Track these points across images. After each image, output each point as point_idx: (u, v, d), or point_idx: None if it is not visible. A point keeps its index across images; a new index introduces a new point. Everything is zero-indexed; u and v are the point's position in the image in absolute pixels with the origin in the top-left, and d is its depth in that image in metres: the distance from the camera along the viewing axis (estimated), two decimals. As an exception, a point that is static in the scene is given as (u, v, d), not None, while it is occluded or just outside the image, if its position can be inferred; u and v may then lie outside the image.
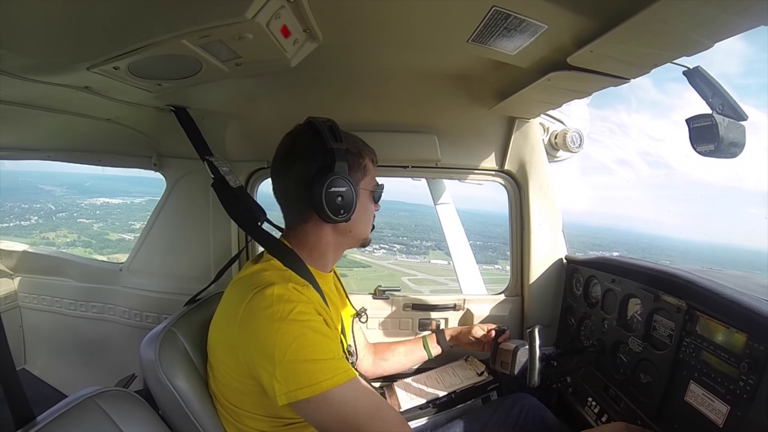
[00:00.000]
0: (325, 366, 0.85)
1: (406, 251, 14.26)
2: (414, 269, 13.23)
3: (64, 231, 13.79)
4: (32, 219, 13.53)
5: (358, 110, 1.63)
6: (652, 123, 52.06)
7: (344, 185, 0.98)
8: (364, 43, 1.15)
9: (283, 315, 0.85)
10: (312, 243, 1.08)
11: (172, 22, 0.79)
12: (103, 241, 13.29)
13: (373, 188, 1.12)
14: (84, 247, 13.29)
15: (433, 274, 12.66)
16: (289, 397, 0.83)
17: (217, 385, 1.01)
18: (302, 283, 0.97)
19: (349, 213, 1.00)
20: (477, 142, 1.72)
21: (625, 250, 16.60)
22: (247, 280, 0.96)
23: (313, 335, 0.87)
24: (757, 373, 0.88)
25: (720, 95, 0.93)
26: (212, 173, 1.39)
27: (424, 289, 12.59)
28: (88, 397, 0.87)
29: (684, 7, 0.71)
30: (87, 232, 13.76)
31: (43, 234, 13.58)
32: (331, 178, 0.96)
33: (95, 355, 2.13)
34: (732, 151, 0.97)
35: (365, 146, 1.11)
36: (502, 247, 1.97)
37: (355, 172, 1.05)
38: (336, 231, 1.08)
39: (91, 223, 13.90)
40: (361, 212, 1.08)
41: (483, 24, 0.91)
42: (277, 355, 0.83)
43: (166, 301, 1.87)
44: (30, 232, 13.36)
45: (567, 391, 1.48)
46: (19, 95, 1.10)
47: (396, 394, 1.51)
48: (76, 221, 14.18)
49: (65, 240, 13.53)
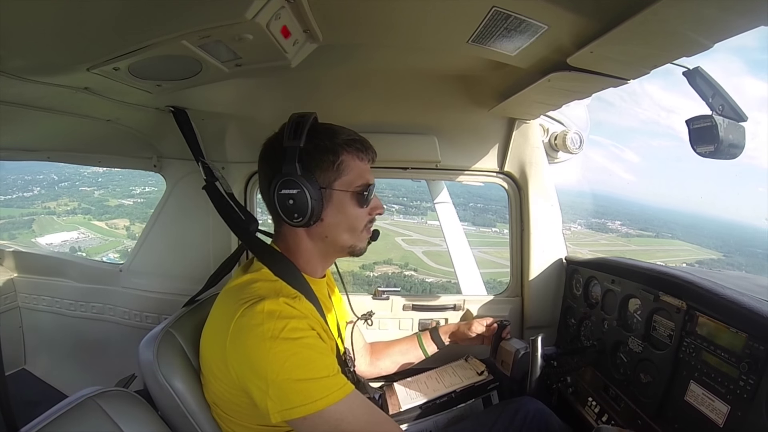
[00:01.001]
0: (320, 384, 0.84)
1: (405, 212, 14.06)
2: (410, 230, 13.03)
3: (66, 200, 13.70)
4: (35, 190, 13.43)
5: (358, 111, 1.63)
6: (662, 94, 51.08)
7: (294, 187, 0.91)
8: (364, 43, 1.15)
9: (275, 333, 0.83)
10: (294, 248, 1.04)
11: (172, 22, 0.79)
12: (103, 207, 13.26)
13: (355, 189, 1.01)
14: (83, 214, 13.30)
15: (427, 235, 12.39)
16: (283, 416, 0.82)
17: (210, 395, 1.00)
18: (293, 294, 0.94)
19: (307, 217, 0.93)
20: (477, 143, 1.72)
21: (629, 219, 16.60)
22: (238, 291, 0.93)
23: (307, 353, 0.85)
24: (757, 373, 0.88)
25: (720, 96, 0.93)
26: (205, 175, 1.38)
27: (416, 249, 12.54)
28: (88, 397, 0.87)
29: (684, 8, 0.70)
30: (87, 200, 13.68)
31: (45, 204, 13.56)
32: (279, 179, 0.91)
33: (95, 356, 2.13)
34: (732, 153, 0.97)
35: (348, 141, 1.00)
36: (503, 210, 1.98)
37: (324, 171, 0.97)
38: (309, 236, 1.03)
39: (92, 191, 13.81)
40: (338, 218, 1.00)
41: (483, 24, 0.91)
42: (270, 375, 0.82)
43: (165, 302, 1.87)
44: (32, 203, 13.39)
45: (567, 391, 1.48)
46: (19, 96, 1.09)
47: (396, 394, 1.51)
48: (78, 189, 14.08)
49: (66, 208, 13.48)
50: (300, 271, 1.02)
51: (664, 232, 18.20)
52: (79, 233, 12.36)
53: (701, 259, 15.99)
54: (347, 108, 1.61)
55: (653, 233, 17.82)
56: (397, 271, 11.49)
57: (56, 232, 12.33)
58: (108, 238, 12.40)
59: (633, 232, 16.75)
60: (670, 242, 17.79)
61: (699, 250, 17.02)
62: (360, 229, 1.05)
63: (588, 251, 12.55)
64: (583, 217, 14.53)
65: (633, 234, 16.69)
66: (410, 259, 12.34)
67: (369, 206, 1.06)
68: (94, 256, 11.67)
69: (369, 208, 1.06)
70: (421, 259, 12.42)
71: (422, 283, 11.39)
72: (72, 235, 12.10)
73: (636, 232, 16.95)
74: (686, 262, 15.35)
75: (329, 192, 0.98)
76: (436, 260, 12.20)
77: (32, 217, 13.00)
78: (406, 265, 11.85)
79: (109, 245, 12.08)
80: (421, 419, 1.43)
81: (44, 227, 12.58)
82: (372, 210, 1.07)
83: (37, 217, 13.07)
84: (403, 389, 1.54)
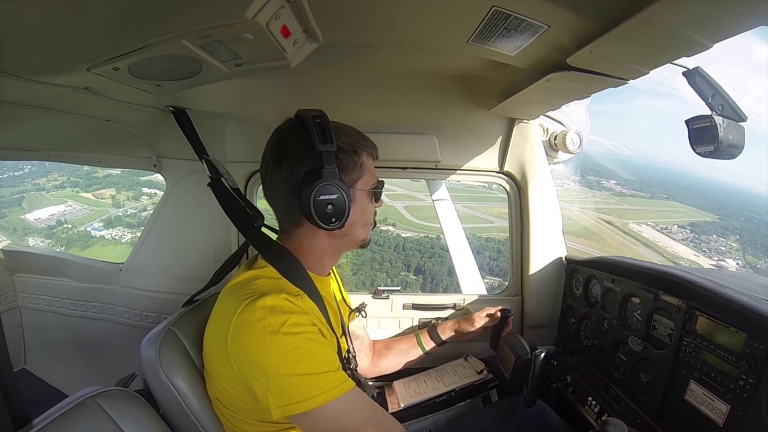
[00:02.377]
0: (320, 379, 0.84)
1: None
2: (395, 185, 12.74)
3: (55, 175, 13.54)
4: (25, 168, 13.12)
5: (358, 110, 1.63)
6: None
7: (334, 192, 0.91)
8: (364, 43, 1.15)
9: (276, 328, 0.83)
10: (307, 248, 1.04)
11: (171, 22, 0.79)
12: (91, 179, 13.16)
13: (372, 187, 1.05)
14: (72, 188, 13.28)
15: (413, 190, 12.26)
16: (284, 411, 0.82)
17: (213, 391, 1.00)
18: (296, 292, 0.94)
19: (342, 220, 0.94)
20: (477, 143, 1.72)
21: (624, 179, 16.48)
22: (239, 288, 0.93)
23: (308, 348, 0.85)
24: (757, 373, 0.89)
25: (720, 96, 0.93)
26: (210, 172, 1.38)
27: (398, 204, 12.45)
28: (89, 396, 0.88)
29: (684, 8, 0.70)
30: (77, 173, 13.46)
31: (35, 180, 13.47)
32: (319, 185, 0.90)
33: (95, 355, 2.14)
34: (731, 152, 0.97)
35: (362, 141, 1.03)
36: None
37: (350, 173, 0.98)
38: (331, 236, 1.03)
39: (82, 165, 13.83)
40: (358, 215, 1.02)
41: (483, 24, 0.91)
42: (271, 369, 0.82)
43: (166, 301, 1.87)
44: (22, 181, 13.28)
45: (567, 390, 1.48)
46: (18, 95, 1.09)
47: (396, 393, 1.51)
48: (67, 165, 14.12)
49: (55, 183, 13.44)
50: (305, 270, 1.02)
51: (660, 193, 17.90)
52: (66, 206, 12.35)
53: (695, 221, 15.62)
54: (347, 108, 1.61)
55: (648, 194, 17.48)
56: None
57: (44, 207, 12.31)
58: (94, 208, 12.42)
59: (627, 191, 16.49)
60: (665, 203, 17.46)
61: (695, 212, 16.61)
62: (371, 222, 1.10)
63: (578, 209, 12.47)
64: (579, 174, 14.48)
65: (627, 194, 16.43)
66: (391, 215, 12.23)
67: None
68: (80, 227, 11.44)
69: (377, 202, 1.10)
70: (402, 215, 12.38)
71: (396, 237, 11.35)
72: (59, 209, 12.11)
73: (630, 192, 16.67)
74: (678, 223, 15.00)
75: (353, 192, 1.00)
76: (417, 215, 12.14)
77: (22, 195, 12.82)
78: (385, 220, 11.73)
79: (94, 215, 12.15)
80: (421, 418, 1.44)
81: (33, 203, 12.50)
82: (378, 204, 1.12)
83: (27, 194, 12.96)
84: (403, 388, 1.54)
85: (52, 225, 11.83)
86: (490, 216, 11.42)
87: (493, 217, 11.35)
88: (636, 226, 14.61)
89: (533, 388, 1.23)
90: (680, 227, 14.71)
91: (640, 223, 14.86)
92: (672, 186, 20.03)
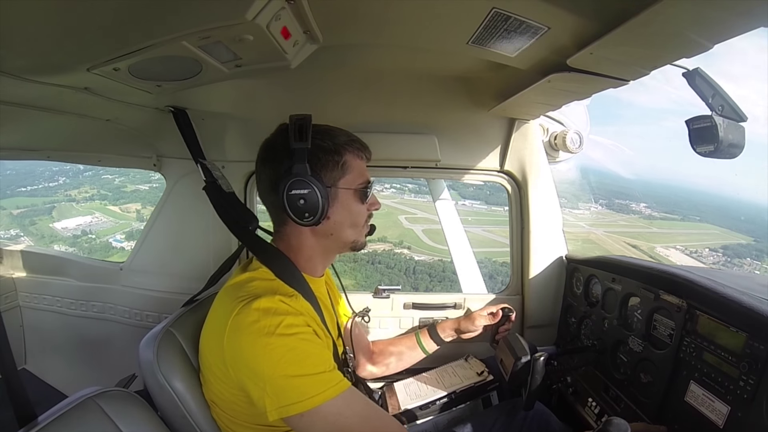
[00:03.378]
0: (316, 380, 0.84)
1: (418, 191, 13.84)
2: (417, 208, 12.92)
3: (87, 187, 14.32)
4: (60, 180, 14.06)
5: (358, 110, 1.63)
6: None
7: (306, 187, 0.93)
8: (364, 44, 1.15)
9: (271, 329, 0.83)
10: (296, 247, 1.05)
11: (172, 23, 0.79)
12: (119, 193, 13.84)
13: (358, 186, 1.05)
14: (100, 200, 13.95)
15: (433, 213, 12.75)
16: (280, 413, 0.82)
17: (210, 394, 1.00)
18: (290, 293, 0.95)
19: (317, 216, 0.95)
20: (477, 142, 1.72)
21: (655, 201, 15.87)
22: (235, 290, 0.94)
23: (304, 348, 0.86)
24: (757, 373, 0.88)
25: (720, 96, 0.93)
26: (205, 176, 1.38)
27: (417, 227, 12.46)
28: (89, 397, 0.88)
29: (684, 9, 0.71)
30: (107, 187, 14.20)
31: (67, 192, 14.23)
32: (290, 180, 0.93)
33: (96, 355, 2.14)
34: (731, 152, 0.97)
35: (349, 142, 1.04)
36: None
37: (330, 171, 1.00)
38: (314, 234, 1.04)
39: (114, 178, 14.28)
40: (344, 215, 1.03)
41: (483, 26, 0.91)
42: (267, 371, 0.82)
43: (166, 301, 1.87)
44: (55, 191, 14.08)
45: (567, 391, 1.48)
46: (19, 96, 1.10)
47: (396, 395, 1.51)
48: (100, 177, 14.64)
49: (85, 195, 14.18)
50: (299, 271, 1.03)
51: (692, 215, 17.24)
52: (93, 218, 12.97)
53: (728, 244, 14.80)
54: (347, 108, 1.61)
55: (679, 216, 16.89)
56: (388, 248, 11.41)
57: (73, 217, 12.92)
58: (119, 221, 12.97)
59: (657, 214, 15.93)
60: (696, 225, 16.84)
61: (728, 234, 15.80)
62: (361, 224, 1.09)
63: (603, 232, 12.21)
64: (606, 197, 13.98)
65: (657, 216, 15.89)
66: (408, 237, 12.25)
67: (368, 202, 1.09)
68: (102, 238, 11.93)
69: (368, 203, 1.09)
70: (419, 238, 12.36)
71: (409, 260, 11.33)
72: (86, 219, 12.71)
73: (661, 214, 16.12)
74: (710, 246, 14.26)
75: (334, 190, 1.01)
76: (434, 238, 12.03)
77: (53, 204, 13.53)
78: (401, 243, 11.78)
79: (118, 227, 12.70)
80: (421, 420, 1.44)
81: (63, 213, 13.15)
82: (370, 206, 1.11)
83: (58, 204, 13.59)
84: (403, 390, 1.54)
85: (77, 234, 12.39)
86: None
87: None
88: (663, 250, 14.09)
89: (532, 391, 1.22)
90: (711, 250, 14.06)
91: (668, 246, 14.37)
92: (706, 208, 19.41)
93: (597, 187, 11.47)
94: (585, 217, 13.43)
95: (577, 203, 12.64)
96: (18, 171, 12.80)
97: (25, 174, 13.68)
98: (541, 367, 1.21)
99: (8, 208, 12.58)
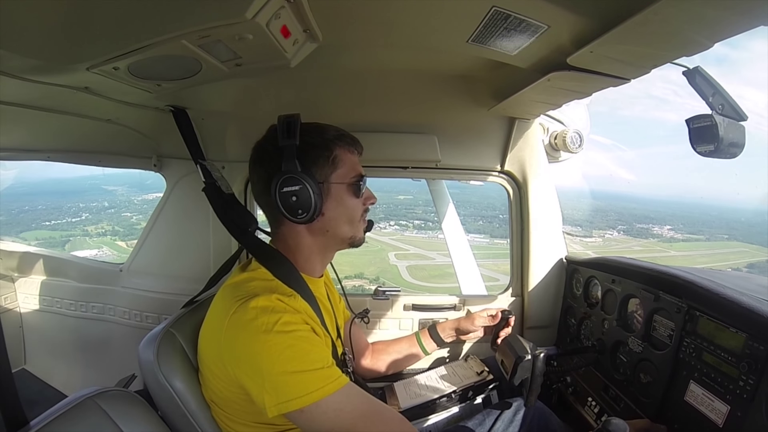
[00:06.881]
0: (315, 376, 0.84)
1: (423, 226, 13.81)
2: (412, 244, 12.93)
3: (104, 224, 15.00)
4: (83, 216, 14.76)
5: (358, 110, 1.63)
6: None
7: (297, 183, 0.93)
8: (364, 43, 1.15)
9: (268, 327, 0.84)
10: (294, 247, 1.05)
11: (171, 22, 0.79)
12: (131, 230, 14.28)
13: (350, 181, 1.04)
14: (112, 236, 14.53)
15: (427, 249, 12.28)
16: (280, 409, 0.82)
17: (209, 393, 1.00)
18: (288, 293, 0.95)
19: (311, 212, 0.95)
20: (477, 142, 1.72)
21: (682, 223, 15.52)
22: (233, 289, 0.94)
23: (301, 345, 0.86)
24: (757, 373, 0.88)
25: (720, 95, 0.93)
26: (204, 177, 1.38)
27: (403, 263, 12.44)
28: (88, 397, 0.87)
29: (684, 7, 0.70)
30: (123, 224, 14.78)
31: (85, 227, 14.90)
32: (281, 177, 0.93)
33: (95, 356, 2.13)
34: (732, 152, 0.97)
35: (338, 136, 1.03)
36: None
37: (321, 167, 1.00)
38: (311, 232, 1.04)
39: (131, 216, 14.93)
40: (339, 210, 1.03)
41: (483, 24, 0.91)
42: (265, 367, 0.82)
43: (166, 302, 1.87)
44: (75, 226, 14.76)
45: (567, 391, 1.48)
46: (19, 95, 1.10)
47: (396, 394, 1.51)
48: (120, 215, 15.34)
49: (100, 230, 14.84)
50: (298, 271, 1.02)
51: (719, 234, 16.74)
52: (99, 251, 13.35)
53: (755, 262, 14.52)
54: (347, 107, 1.61)
55: (705, 236, 16.39)
56: (359, 284, 11.09)
57: (83, 249, 13.42)
58: (122, 255, 13.32)
59: (680, 236, 15.48)
60: (723, 244, 16.37)
61: (757, 251, 15.42)
62: (358, 219, 1.08)
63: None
64: (627, 223, 13.56)
65: (679, 238, 15.43)
66: (387, 274, 12.22)
67: (363, 196, 1.09)
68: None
69: (363, 198, 1.09)
70: (400, 274, 12.35)
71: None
72: (92, 252, 13.08)
73: (684, 236, 15.69)
74: (733, 266, 13.74)
75: (327, 186, 1.00)
76: (415, 275, 12.09)
77: (69, 238, 14.20)
78: (376, 279, 11.73)
79: (118, 261, 13.06)
80: (421, 419, 1.43)
81: (75, 246, 13.72)
82: (366, 200, 1.10)
83: (73, 238, 14.26)
84: (403, 389, 1.54)
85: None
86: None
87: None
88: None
89: (533, 389, 1.22)
90: (734, 270, 13.44)
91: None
92: (738, 225, 18.74)
93: (619, 213, 11.21)
94: (596, 244, 13.32)
95: (591, 231, 12.35)
96: (48, 206, 13.48)
97: (53, 209, 14.42)
98: (542, 363, 1.21)
99: (28, 240, 12.85)
